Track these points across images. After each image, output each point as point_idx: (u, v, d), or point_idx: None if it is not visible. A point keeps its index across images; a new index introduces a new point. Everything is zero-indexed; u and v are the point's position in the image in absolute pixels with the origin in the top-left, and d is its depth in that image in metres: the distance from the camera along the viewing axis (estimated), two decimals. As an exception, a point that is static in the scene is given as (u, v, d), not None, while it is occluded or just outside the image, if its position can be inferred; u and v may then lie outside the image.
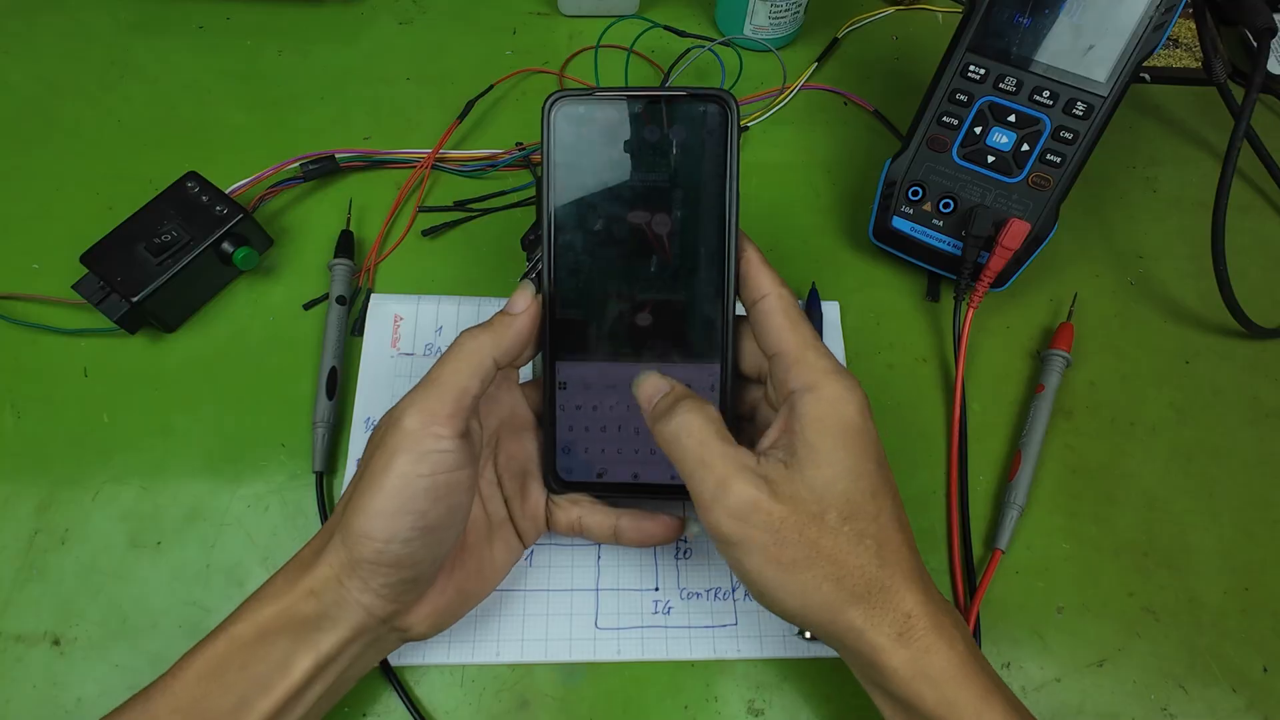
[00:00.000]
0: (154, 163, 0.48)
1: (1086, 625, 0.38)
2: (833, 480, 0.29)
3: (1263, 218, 0.51)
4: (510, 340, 0.31)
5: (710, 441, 0.29)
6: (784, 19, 0.53)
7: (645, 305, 0.33)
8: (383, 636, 0.31)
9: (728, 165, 0.32)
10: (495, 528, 0.35)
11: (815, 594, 0.28)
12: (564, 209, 0.33)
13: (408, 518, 0.29)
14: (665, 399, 0.31)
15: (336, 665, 0.30)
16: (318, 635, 0.29)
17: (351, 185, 0.49)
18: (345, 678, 0.31)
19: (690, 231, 0.32)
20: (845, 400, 0.29)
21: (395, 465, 0.29)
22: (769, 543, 0.28)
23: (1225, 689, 0.37)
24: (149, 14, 0.55)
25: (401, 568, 0.29)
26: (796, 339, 0.30)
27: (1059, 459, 0.42)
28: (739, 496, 0.28)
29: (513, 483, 0.35)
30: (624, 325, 0.33)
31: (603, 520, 0.35)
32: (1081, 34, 0.40)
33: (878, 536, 0.29)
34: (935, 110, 0.43)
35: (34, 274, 0.45)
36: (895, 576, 0.29)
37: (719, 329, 0.33)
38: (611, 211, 0.33)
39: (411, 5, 0.56)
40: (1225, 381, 0.44)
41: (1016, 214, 0.42)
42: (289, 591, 0.30)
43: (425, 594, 0.31)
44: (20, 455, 0.40)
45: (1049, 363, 0.43)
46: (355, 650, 0.30)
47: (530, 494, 0.36)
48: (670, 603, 0.37)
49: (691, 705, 0.35)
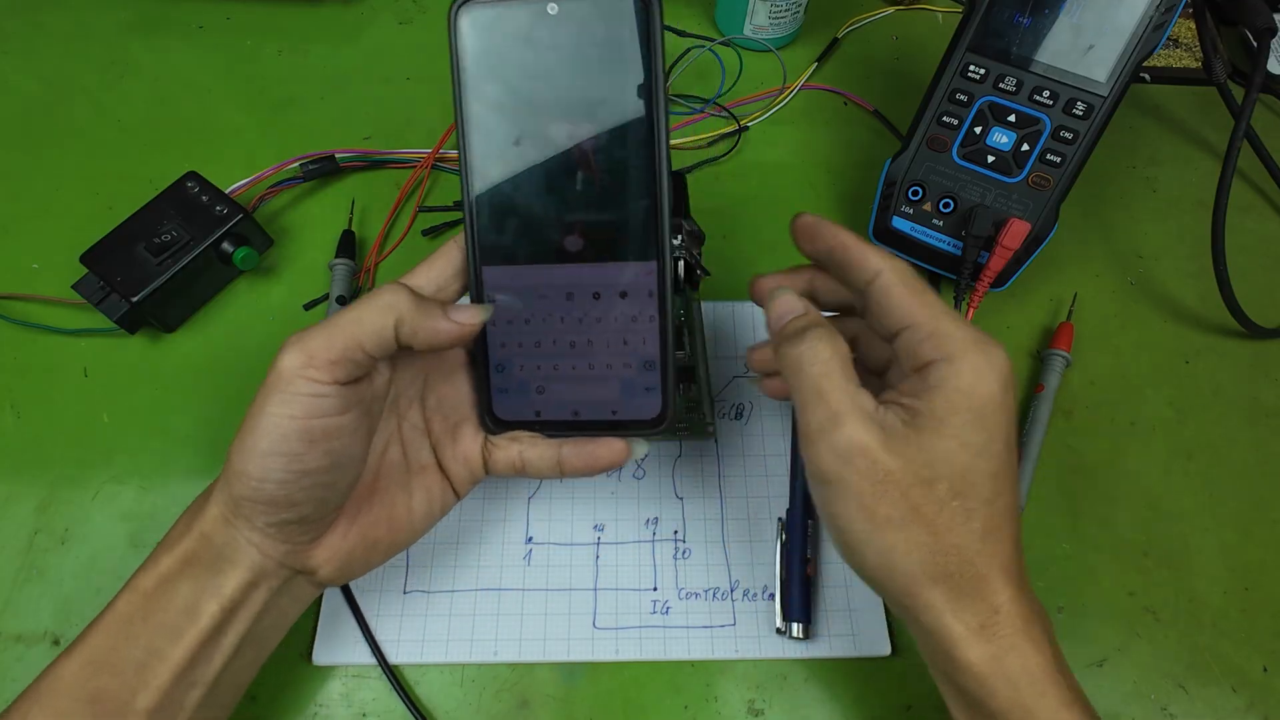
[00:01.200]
0: (154, 163, 0.48)
1: (1086, 625, 0.38)
2: (954, 452, 0.27)
3: (1263, 218, 0.51)
4: (431, 326, 0.29)
5: (833, 374, 0.27)
6: (784, 19, 0.53)
7: (574, 208, 0.31)
8: (289, 581, 0.30)
9: (651, 56, 0.30)
10: (416, 474, 0.32)
11: (903, 559, 0.27)
12: (480, 121, 0.31)
13: (280, 459, 0.27)
14: (798, 320, 0.29)
15: (246, 610, 0.29)
16: (218, 579, 0.29)
17: (351, 185, 0.49)
18: (264, 627, 0.30)
19: (617, 133, 0.31)
20: (985, 373, 0.27)
21: (267, 404, 0.27)
22: (867, 491, 0.27)
23: (1225, 689, 0.37)
24: (149, 14, 0.55)
25: (279, 507, 0.28)
26: (926, 310, 0.28)
27: (1059, 459, 0.42)
28: (848, 437, 0.27)
29: (442, 426, 0.33)
30: (553, 230, 0.31)
31: (545, 452, 0.32)
32: (1081, 34, 0.40)
33: (987, 521, 0.27)
34: (935, 110, 0.43)
35: (34, 274, 0.45)
36: (993, 567, 0.27)
37: (654, 227, 0.31)
38: (530, 120, 0.31)
39: (411, 5, 0.56)
40: (1225, 381, 0.44)
41: (1016, 214, 0.42)
42: (184, 537, 0.29)
43: (322, 537, 0.30)
44: (20, 455, 0.40)
45: (1049, 363, 0.43)
46: (262, 595, 0.29)
47: (463, 438, 0.33)
48: (668, 603, 0.37)
49: (692, 705, 0.35)
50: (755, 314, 0.44)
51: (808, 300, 0.30)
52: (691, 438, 0.41)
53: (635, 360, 0.31)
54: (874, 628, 0.37)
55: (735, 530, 0.39)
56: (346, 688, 0.35)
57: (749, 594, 0.37)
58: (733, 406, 0.42)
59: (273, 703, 0.35)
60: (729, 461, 0.40)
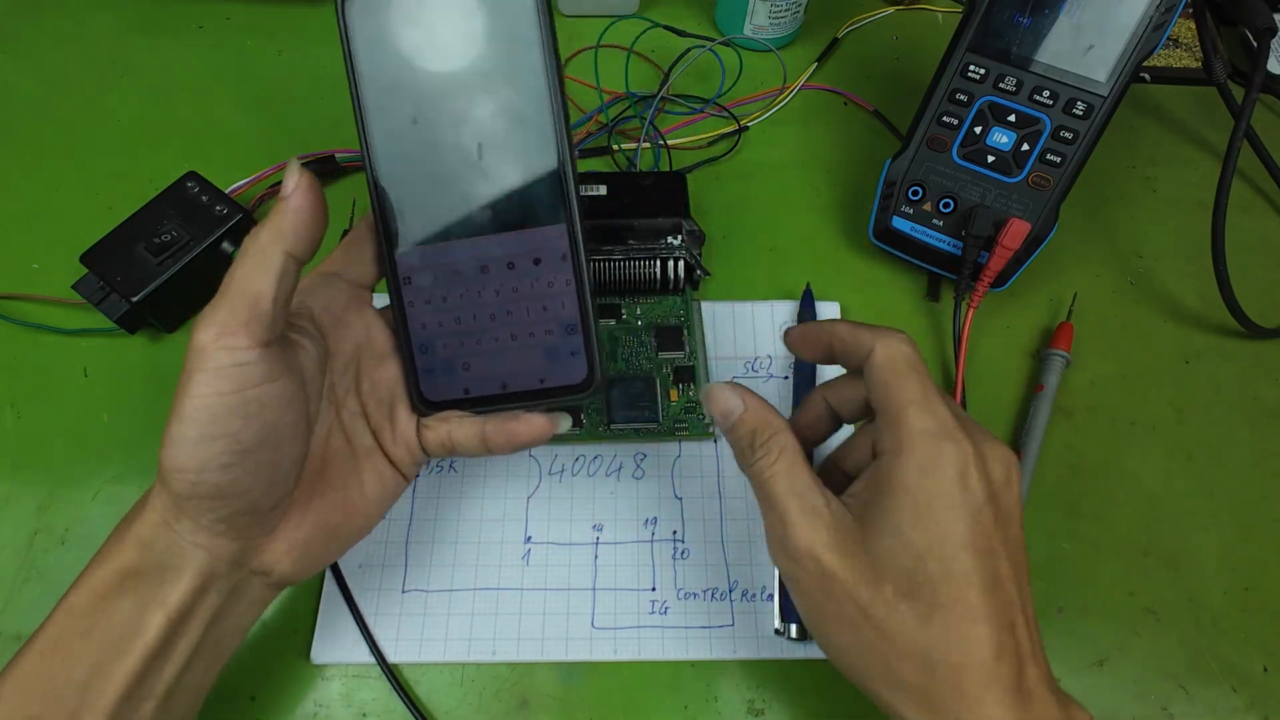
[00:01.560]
0: (154, 163, 0.48)
1: (1086, 625, 0.38)
2: (897, 553, 0.26)
3: (1263, 218, 0.51)
4: (291, 224, 0.27)
5: (778, 477, 0.28)
6: (784, 19, 0.53)
7: (477, 180, 0.31)
8: (244, 582, 0.29)
9: (539, 12, 0.29)
10: (362, 458, 0.32)
11: (858, 660, 0.27)
12: (375, 105, 0.30)
13: (217, 442, 0.26)
14: (745, 423, 0.30)
15: (196, 619, 0.28)
16: (161, 589, 0.27)
17: (351, 185, 0.49)
18: (219, 634, 0.29)
19: (510, 100, 0.30)
20: (931, 470, 0.26)
21: (191, 387, 0.25)
22: (816, 591, 0.27)
23: (1225, 689, 0.37)
24: (149, 14, 0.55)
25: (227, 497, 0.27)
26: (898, 396, 0.28)
27: (1059, 459, 0.42)
28: (794, 539, 0.27)
29: (379, 411, 0.32)
30: (459, 204, 0.31)
31: (470, 430, 0.32)
32: (1081, 34, 0.40)
33: (945, 625, 0.25)
34: (935, 110, 0.43)
35: (34, 274, 0.45)
36: (960, 679, 0.25)
37: (559, 189, 0.31)
38: (424, 96, 0.30)
39: (411, 5, 0.56)
40: (1225, 381, 0.44)
41: (1016, 214, 0.42)
42: (119, 549, 0.27)
43: (277, 529, 0.29)
44: (20, 455, 0.40)
45: (1049, 362, 0.43)
46: (213, 601, 0.28)
47: (399, 420, 0.33)
48: (667, 603, 0.37)
49: (691, 705, 0.35)
50: (755, 314, 0.44)
51: (749, 393, 0.30)
52: (691, 439, 0.41)
53: (557, 326, 0.31)
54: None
55: (734, 531, 0.39)
56: (346, 687, 0.35)
57: (748, 595, 0.37)
58: (732, 406, 0.42)
59: (273, 703, 0.35)
60: (728, 461, 0.40)
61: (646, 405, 0.41)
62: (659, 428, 0.40)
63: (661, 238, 0.43)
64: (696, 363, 0.42)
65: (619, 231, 0.43)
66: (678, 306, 0.43)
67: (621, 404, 0.41)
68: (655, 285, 0.43)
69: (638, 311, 0.43)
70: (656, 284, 0.43)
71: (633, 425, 0.40)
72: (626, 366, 0.42)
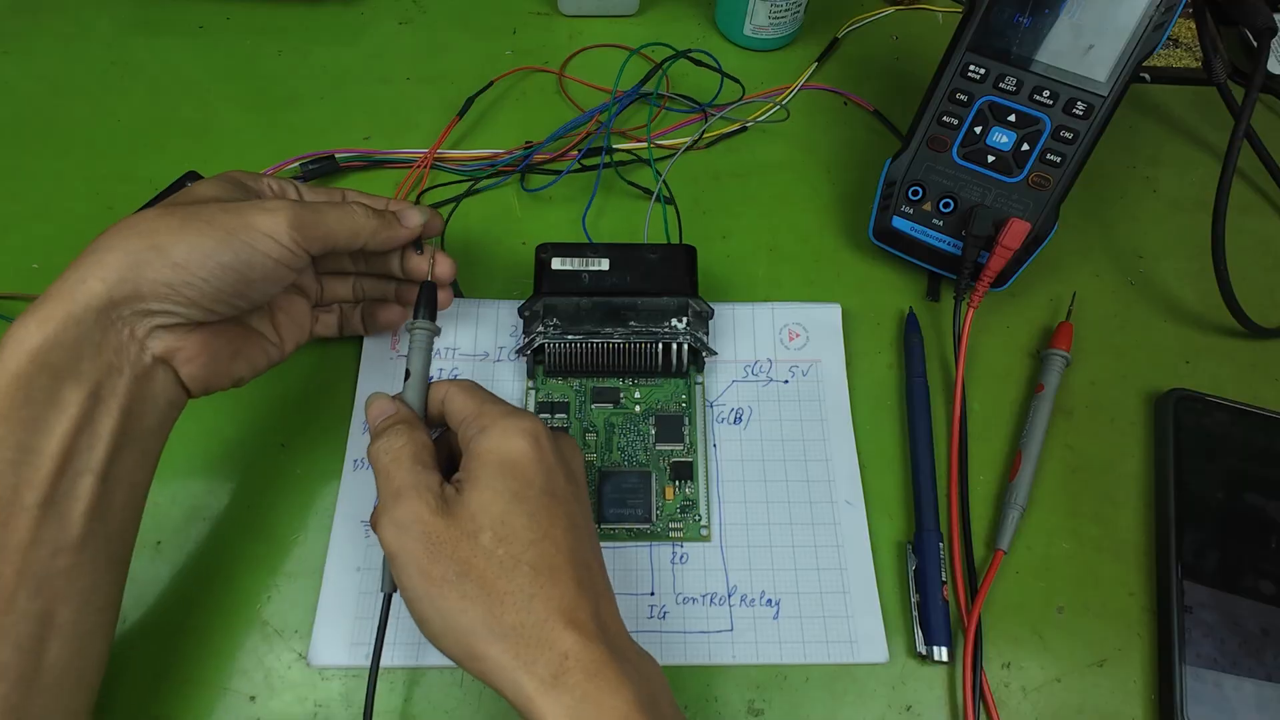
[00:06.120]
0: (154, 163, 0.48)
1: (1086, 625, 0.38)
2: (489, 501, 0.29)
3: (1263, 218, 0.51)
4: (386, 237, 0.36)
5: (402, 460, 0.31)
6: (784, 19, 0.53)
7: None
8: (151, 369, 0.30)
9: None
10: (278, 310, 0.37)
11: (462, 617, 0.28)
12: None
13: (231, 275, 0.31)
14: (387, 420, 0.32)
15: (113, 400, 0.29)
16: (79, 364, 0.28)
17: (351, 185, 0.48)
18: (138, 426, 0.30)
19: None
20: (511, 433, 0.31)
21: (255, 232, 0.31)
22: (423, 555, 0.28)
23: (1225, 689, 0.36)
24: (149, 14, 0.55)
25: (194, 306, 0.30)
26: (474, 403, 0.32)
27: (1059, 459, 0.42)
28: (405, 509, 0.29)
29: None
30: None
31: None
32: (1081, 34, 0.40)
33: (535, 564, 0.28)
34: (935, 110, 0.43)
35: (34, 274, 0.45)
36: (551, 610, 0.28)
37: None
38: None
39: (411, 5, 0.56)
40: (1225, 381, 0.44)
41: (1016, 214, 0.42)
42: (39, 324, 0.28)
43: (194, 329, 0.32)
44: (20, 455, 0.40)
45: (1048, 362, 0.43)
46: (125, 383, 0.29)
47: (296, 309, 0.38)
48: (665, 608, 0.37)
49: (691, 705, 0.35)
50: (755, 315, 0.44)
51: (399, 401, 0.34)
52: (686, 540, 0.39)
53: None
54: (872, 634, 0.37)
55: (733, 536, 0.39)
56: (346, 688, 0.35)
57: (746, 600, 0.37)
58: (731, 411, 0.42)
59: (272, 703, 0.35)
60: (727, 467, 0.40)
61: (640, 503, 0.39)
62: (651, 528, 0.39)
63: (666, 319, 0.40)
64: (695, 459, 0.40)
65: (620, 311, 0.40)
66: (680, 391, 0.42)
67: (613, 500, 0.39)
68: (657, 369, 0.41)
69: (636, 395, 0.41)
70: (659, 368, 0.41)
71: (624, 525, 0.39)
72: (622, 458, 0.40)
